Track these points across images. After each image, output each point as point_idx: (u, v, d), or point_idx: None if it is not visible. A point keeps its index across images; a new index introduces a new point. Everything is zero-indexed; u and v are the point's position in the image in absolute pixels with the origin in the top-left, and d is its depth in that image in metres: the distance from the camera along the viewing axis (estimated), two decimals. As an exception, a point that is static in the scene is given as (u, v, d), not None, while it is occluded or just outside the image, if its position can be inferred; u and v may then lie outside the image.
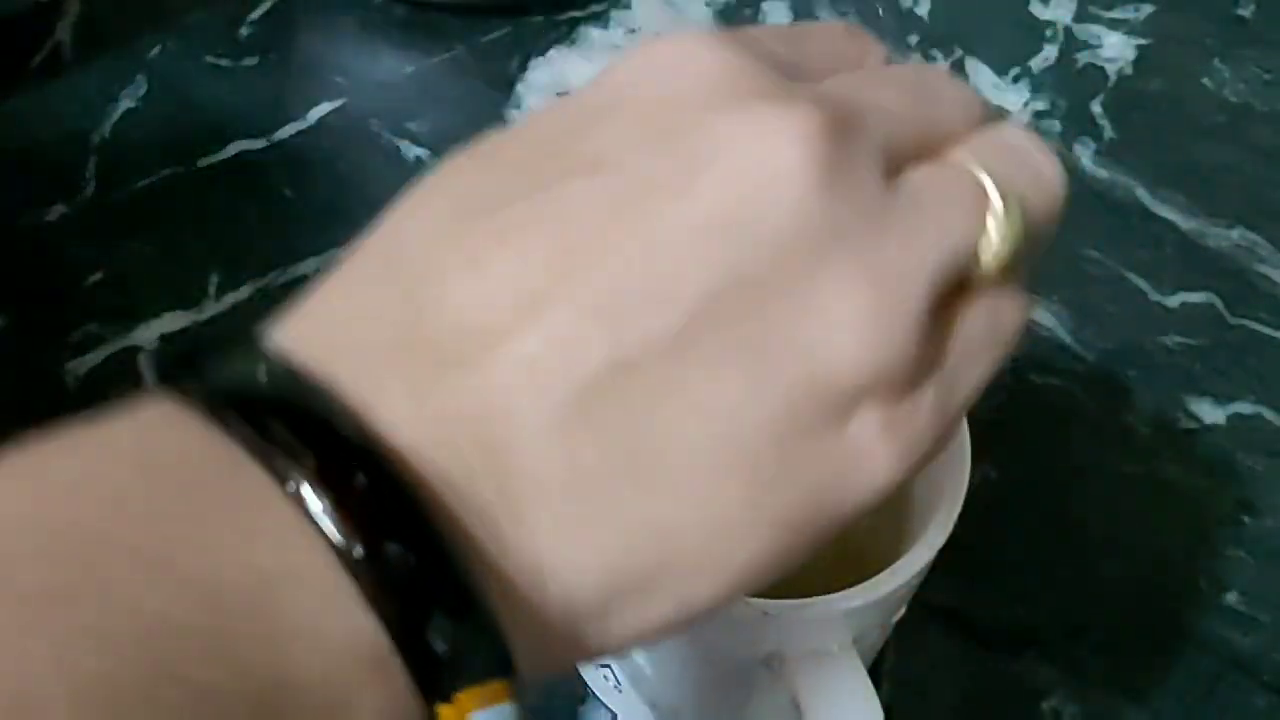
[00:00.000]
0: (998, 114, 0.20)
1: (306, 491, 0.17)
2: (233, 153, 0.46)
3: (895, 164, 0.21)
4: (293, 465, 0.17)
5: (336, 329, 0.19)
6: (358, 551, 0.17)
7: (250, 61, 0.49)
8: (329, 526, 0.17)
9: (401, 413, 0.18)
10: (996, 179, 0.21)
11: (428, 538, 0.17)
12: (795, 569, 0.20)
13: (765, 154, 0.19)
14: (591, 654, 0.20)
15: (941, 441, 0.21)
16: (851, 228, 0.19)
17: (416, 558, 0.17)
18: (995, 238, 0.21)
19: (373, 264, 0.20)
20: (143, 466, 0.17)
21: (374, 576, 0.17)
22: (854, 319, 0.19)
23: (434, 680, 0.17)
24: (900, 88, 0.22)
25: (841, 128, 0.20)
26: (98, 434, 0.18)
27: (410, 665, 0.17)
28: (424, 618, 0.17)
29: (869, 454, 0.20)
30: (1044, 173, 0.22)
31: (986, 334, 0.22)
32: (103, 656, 0.15)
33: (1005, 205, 0.21)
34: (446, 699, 0.17)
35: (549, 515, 0.18)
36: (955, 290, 0.21)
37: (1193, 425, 0.42)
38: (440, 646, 0.17)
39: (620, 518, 0.19)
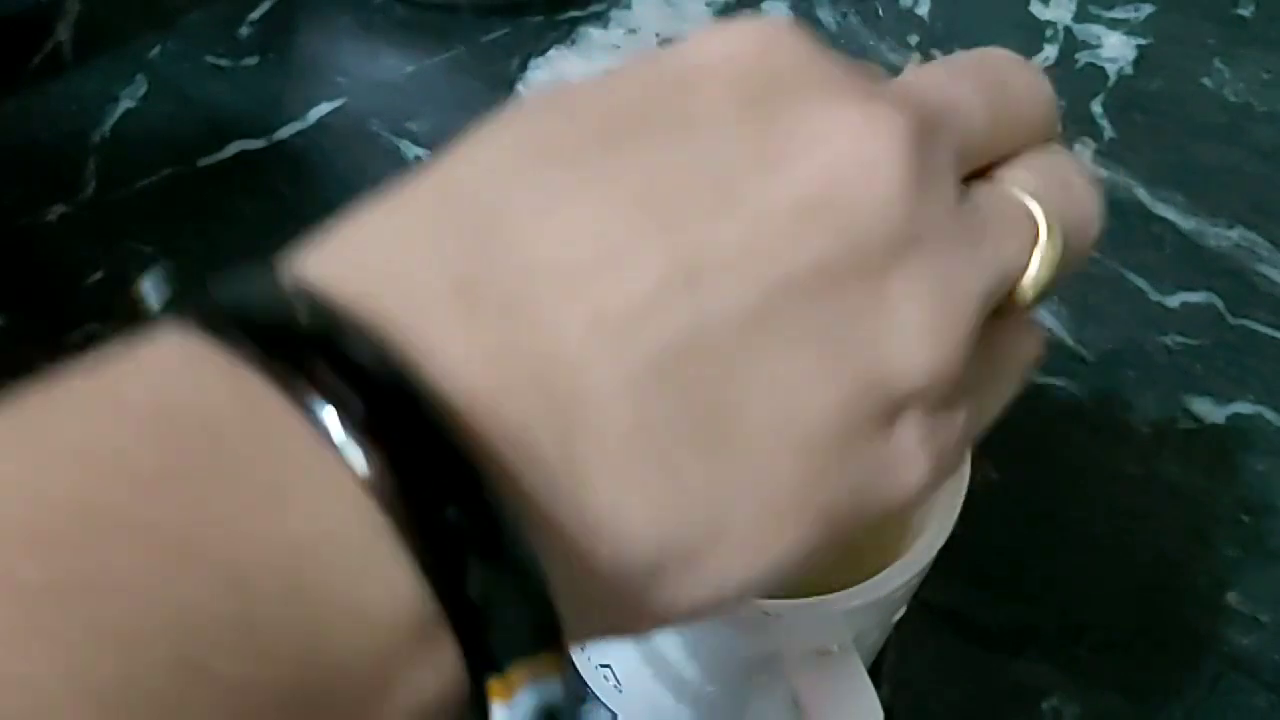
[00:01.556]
0: (1061, 116, 0.20)
1: (353, 446, 0.15)
2: (232, 152, 0.46)
3: (963, 172, 0.21)
4: (339, 415, 0.15)
5: (383, 262, 0.18)
6: (405, 511, 0.15)
7: (250, 61, 0.49)
8: (377, 485, 0.15)
9: (460, 355, 0.17)
10: (1045, 210, 0.22)
11: (481, 496, 0.16)
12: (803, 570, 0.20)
13: (862, 146, 0.19)
14: (625, 629, 0.19)
15: (958, 461, 0.21)
16: (928, 233, 0.20)
17: (469, 517, 0.16)
18: (1038, 268, 0.21)
19: (427, 197, 0.19)
20: (157, 424, 0.15)
21: (423, 538, 0.16)
22: (920, 324, 0.19)
23: (483, 651, 0.16)
24: (981, 91, 0.22)
25: (928, 131, 0.20)
26: (102, 384, 0.16)
27: (459, 633, 0.16)
28: (473, 581, 0.16)
29: (908, 460, 0.20)
30: (1088, 209, 0.23)
31: (1014, 359, 0.22)
32: (123, 657, 0.13)
33: (1050, 238, 0.21)
34: (499, 669, 0.16)
35: (610, 472, 0.18)
36: (992, 314, 0.21)
37: (1192, 425, 0.42)
38: (490, 613, 0.16)
39: (681, 482, 0.18)
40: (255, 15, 0.50)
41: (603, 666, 0.34)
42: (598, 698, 0.36)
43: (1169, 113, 0.50)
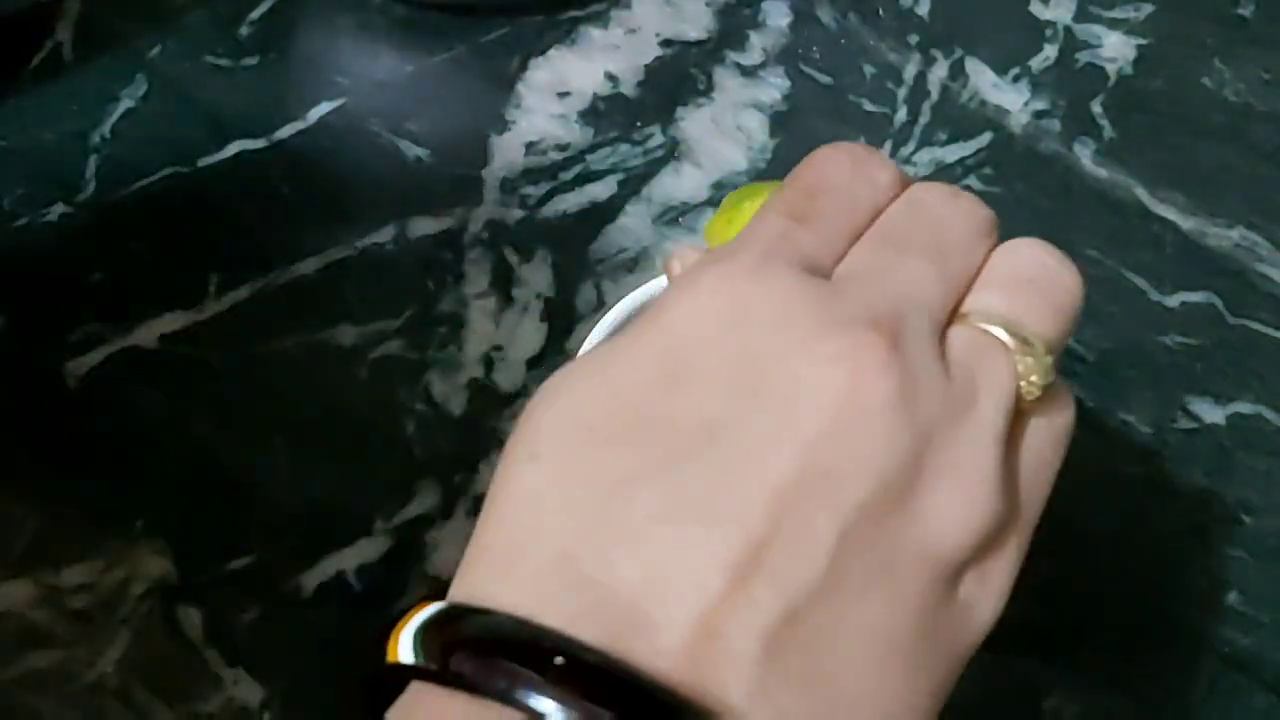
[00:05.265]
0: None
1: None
2: (233, 152, 0.46)
3: (938, 335, 0.24)
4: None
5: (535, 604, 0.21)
6: None
7: (250, 61, 0.49)
8: None
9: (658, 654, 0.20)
10: (1014, 326, 0.24)
11: None
12: None
13: (851, 394, 0.22)
14: None
15: (1023, 557, 0.24)
16: (933, 427, 0.22)
17: None
18: (1029, 380, 0.24)
19: (536, 552, 0.22)
20: None
21: None
22: (953, 502, 0.22)
23: None
24: (923, 254, 0.25)
25: (898, 343, 0.23)
26: None
27: None
28: None
29: (976, 605, 0.23)
30: (1058, 291, 0.25)
31: (1046, 445, 0.25)
32: None
33: (1025, 351, 0.24)
34: None
35: None
36: (1016, 415, 0.24)
37: (1193, 425, 0.42)
38: None
39: None
40: (255, 15, 0.50)
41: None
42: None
43: (1169, 113, 0.50)
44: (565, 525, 0.22)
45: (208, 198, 0.45)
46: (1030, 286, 0.25)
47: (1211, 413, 0.42)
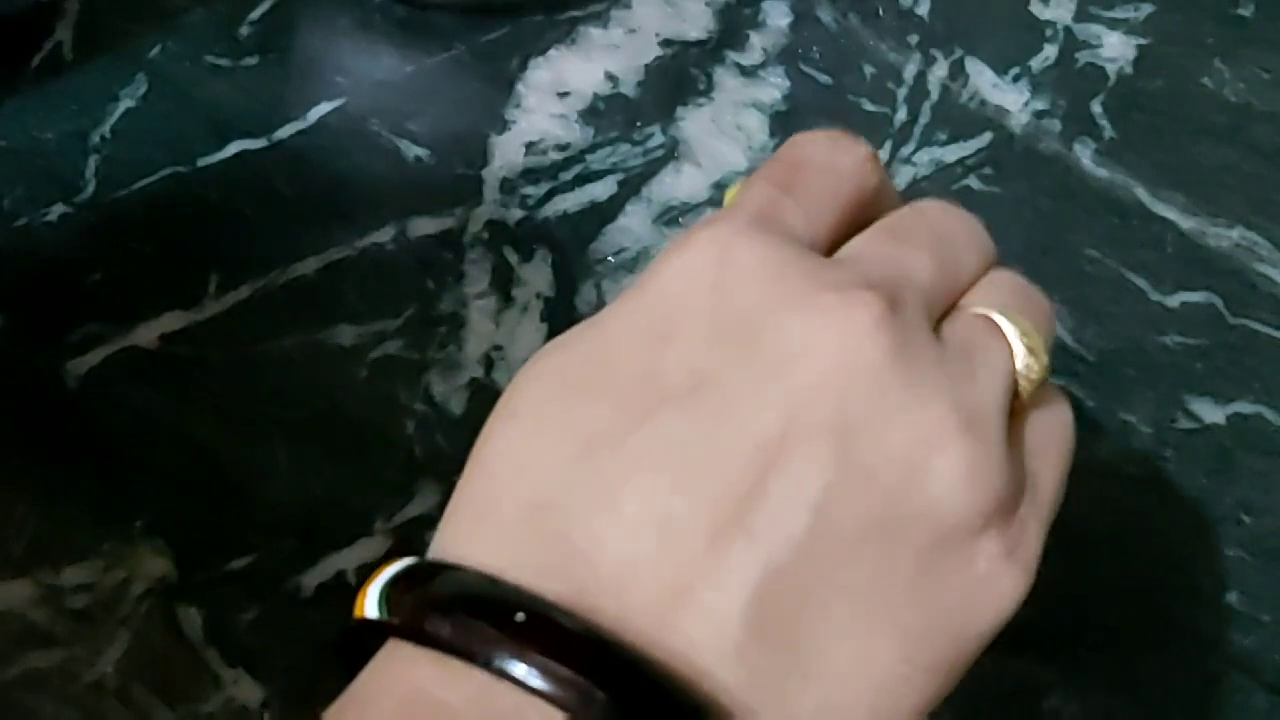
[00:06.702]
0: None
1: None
2: (232, 152, 0.46)
3: (933, 321, 0.24)
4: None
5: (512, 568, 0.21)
6: None
7: (250, 61, 0.49)
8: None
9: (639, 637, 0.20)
10: (1005, 311, 0.25)
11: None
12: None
13: (843, 347, 0.21)
14: None
15: (1038, 552, 0.24)
16: (928, 390, 0.22)
17: None
18: (1025, 357, 0.24)
19: (510, 505, 0.22)
20: None
21: None
22: (956, 467, 0.21)
23: None
24: (922, 248, 0.25)
25: (894, 307, 0.22)
26: None
27: None
28: None
29: (996, 577, 0.22)
30: (1038, 302, 0.26)
31: (1049, 438, 0.25)
32: None
33: (1021, 329, 0.24)
34: None
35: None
36: (1012, 414, 0.24)
37: (1193, 425, 0.42)
38: None
39: (794, 711, 0.20)
40: (255, 15, 0.50)
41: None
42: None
43: (1169, 112, 0.50)
44: (538, 479, 0.22)
45: (208, 198, 0.45)
46: (1025, 293, 0.26)
47: (1211, 413, 0.42)
